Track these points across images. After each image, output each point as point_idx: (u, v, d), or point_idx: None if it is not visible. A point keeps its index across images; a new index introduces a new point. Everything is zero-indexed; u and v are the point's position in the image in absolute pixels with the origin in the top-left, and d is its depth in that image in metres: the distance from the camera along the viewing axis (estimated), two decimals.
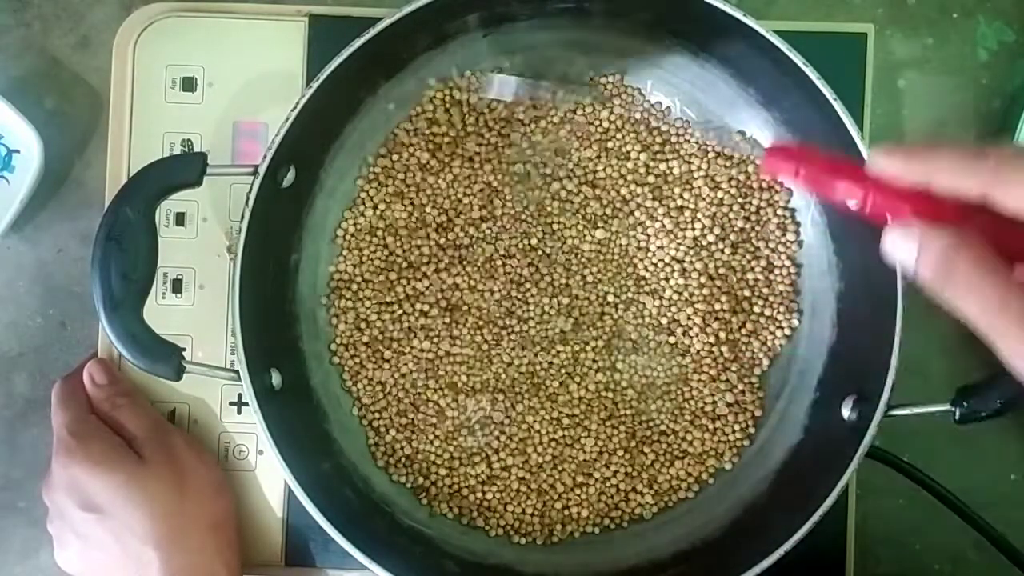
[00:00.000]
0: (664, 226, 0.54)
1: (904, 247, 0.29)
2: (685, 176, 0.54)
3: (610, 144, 0.54)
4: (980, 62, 0.56)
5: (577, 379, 0.54)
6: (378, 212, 0.54)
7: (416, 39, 0.52)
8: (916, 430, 0.54)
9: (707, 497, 0.54)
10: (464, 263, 0.54)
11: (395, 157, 0.54)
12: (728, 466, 0.54)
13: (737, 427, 0.54)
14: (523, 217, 0.54)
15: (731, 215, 0.54)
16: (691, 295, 0.54)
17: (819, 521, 0.46)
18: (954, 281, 0.28)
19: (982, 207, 0.29)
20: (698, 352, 0.54)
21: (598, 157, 0.54)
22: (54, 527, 0.51)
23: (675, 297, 0.54)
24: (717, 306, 0.54)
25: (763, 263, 0.54)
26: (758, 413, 0.54)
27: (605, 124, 0.54)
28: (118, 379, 0.54)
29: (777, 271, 0.54)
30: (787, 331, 0.54)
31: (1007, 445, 0.56)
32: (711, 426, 0.54)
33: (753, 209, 0.54)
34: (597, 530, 0.54)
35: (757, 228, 0.54)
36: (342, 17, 0.55)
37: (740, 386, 0.54)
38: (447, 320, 0.54)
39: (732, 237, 0.54)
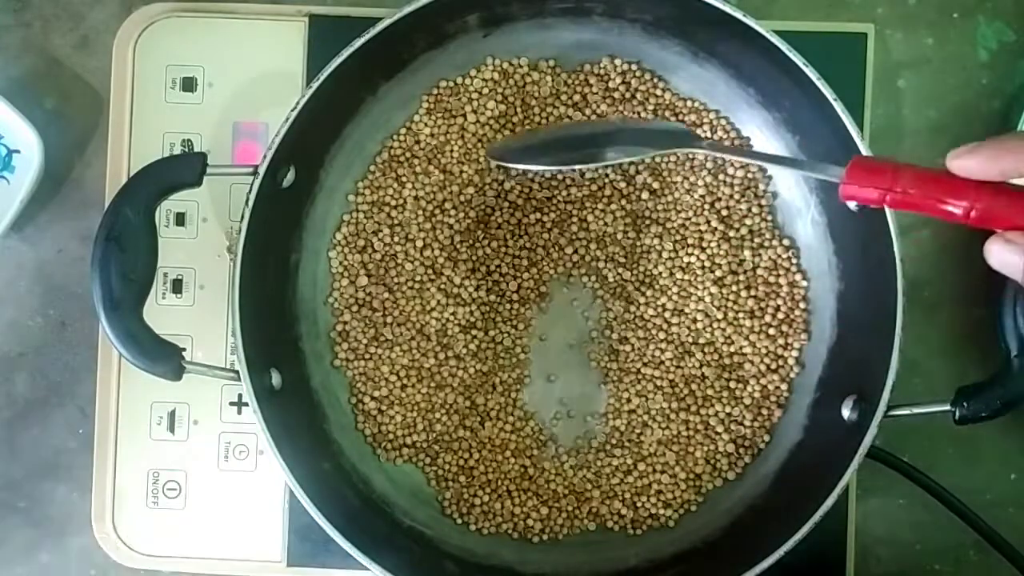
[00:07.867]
0: (661, 230, 0.54)
1: (1008, 261, 0.31)
2: (684, 185, 0.54)
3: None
4: (980, 62, 0.56)
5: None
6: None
7: (416, 39, 0.52)
8: (916, 430, 0.54)
9: (708, 497, 0.54)
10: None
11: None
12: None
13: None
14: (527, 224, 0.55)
15: (731, 216, 0.54)
16: (692, 296, 0.54)
17: (819, 521, 0.46)
18: None
19: None
20: (699, 352, 0.54)
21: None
22: None
23: (675, 299, 0.54)
24: (717, 306, 0.54)
25: (763, 264, 0.54)
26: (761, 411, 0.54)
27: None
28: None
29: (777, 271, 0.54)
30: (787, 331, 0.54)
31: (1007, 445, 0.56)
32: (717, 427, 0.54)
33: (753, 210, 0.54)
34: (597, 530, 0.54)
35: (757, 229, 0.54)
36: (342, 17, 0.55)
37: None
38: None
39: (732, 238, 0.54)
